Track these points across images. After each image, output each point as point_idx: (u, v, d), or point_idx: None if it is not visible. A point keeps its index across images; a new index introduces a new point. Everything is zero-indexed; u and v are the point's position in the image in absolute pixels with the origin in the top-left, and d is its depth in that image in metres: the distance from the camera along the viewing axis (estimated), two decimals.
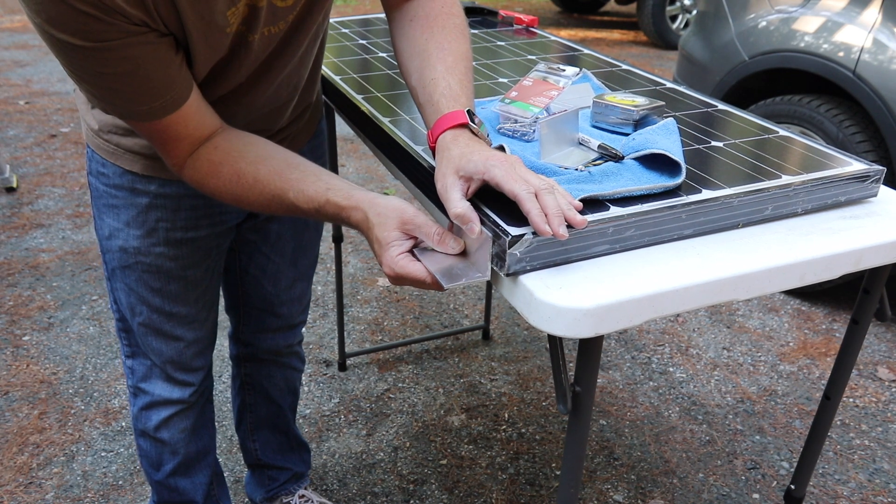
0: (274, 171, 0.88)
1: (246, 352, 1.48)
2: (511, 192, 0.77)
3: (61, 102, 4.56)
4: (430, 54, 0.95)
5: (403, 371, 2.22)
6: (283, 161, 0.89)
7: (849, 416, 2.06)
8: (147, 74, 0.78)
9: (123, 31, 0.74)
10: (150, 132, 0.87)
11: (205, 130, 0.90)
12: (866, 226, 0.91)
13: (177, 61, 0.82)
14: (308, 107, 1.18)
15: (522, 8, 8.02)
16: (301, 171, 0.88)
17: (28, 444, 1.89)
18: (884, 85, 2.22)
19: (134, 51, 0.76)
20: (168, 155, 0.90)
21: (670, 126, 0.96)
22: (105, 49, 0.74)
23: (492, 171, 0.79)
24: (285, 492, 1.66)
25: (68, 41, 0.72)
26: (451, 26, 0.98)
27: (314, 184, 0.86)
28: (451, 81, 0.92)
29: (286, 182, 0.87)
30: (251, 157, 0.89)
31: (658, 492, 1.79)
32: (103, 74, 0.77)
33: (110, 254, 1.14)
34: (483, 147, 0.85)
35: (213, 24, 0.82)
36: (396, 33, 1.02)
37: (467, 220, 0.78)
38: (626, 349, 2.36)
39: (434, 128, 0.89)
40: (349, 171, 3.72)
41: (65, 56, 0.75)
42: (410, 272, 0.79)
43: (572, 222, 0.77)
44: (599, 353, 0.81)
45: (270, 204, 0.88)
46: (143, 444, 1.34)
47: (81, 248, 2.86)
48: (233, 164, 0.89)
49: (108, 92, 0.80)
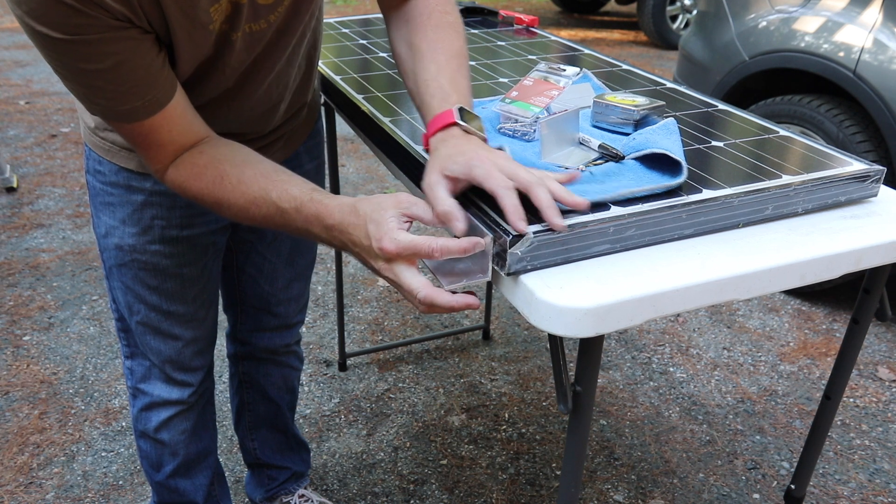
0: (260, 173, 0.86)
1: (243, 350, 1.48)
2: (490, 189, 0.78)
3: (61, 102, 4.56)
4: (424, 55, 0.95)
5: (404, 371, 2.22)
6: (270, 166, 0.88)
7: (849, 416, 2.06)
8: (129, 71, 0.78)
9: (105, 25, 0.73)
10: (133, 134, 0.85)
11: (190, 137, 0.88)
12: (866, 226, 0.91)
13: (159, 60, 0.81)
14: (303, 107, 1.17)
15: (522, 8, 8.02)
16: (288, 175, 0.86)
17: (28, 444, 1.89)
18: (884, 85, 2.22)
19: (115, 46, 0.75)
20: (151, 159, 0.89)
21: (671, 126, 0.96)
22: (85, 43, 0.73)
23: (473, 171, 0.79)
24: (285, 491, 1.66)
25: (48, 34, 0.71)
26: (444, 24, 0.98)
27: (299, 186, 0.84)
28: (441, 81, 0.92)
29: (271, 183, 0.85)
30: (237, 160, 0.88)
31: (658, 492, 1.79)
32: (85, 71, 0.76)
33: (107, 252, 1.14)
34: (472, 146, 0.84)
35: (197, 20, 0.81)
36: (393, 36, 1.02)
37: (452, 218, 0.78)
38: (627, 349, 2.36)
39: (426, 130, 0.90)
40: (349, 171, 3.72)
41: (46, 50, 0.74)
42: (417, 243, 0.75)
43: (574, 205, 0.78)
44: (600, 352, 0.81)
45: (250, 207, 0.85)
46: (143, 445, 1.34)
47: (82, 248, 2.86)
48: (217, 166, 0.87)
49: (90, 90, 0.79)
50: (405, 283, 0.76)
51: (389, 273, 0.77)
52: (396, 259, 0.76)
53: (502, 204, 0.76)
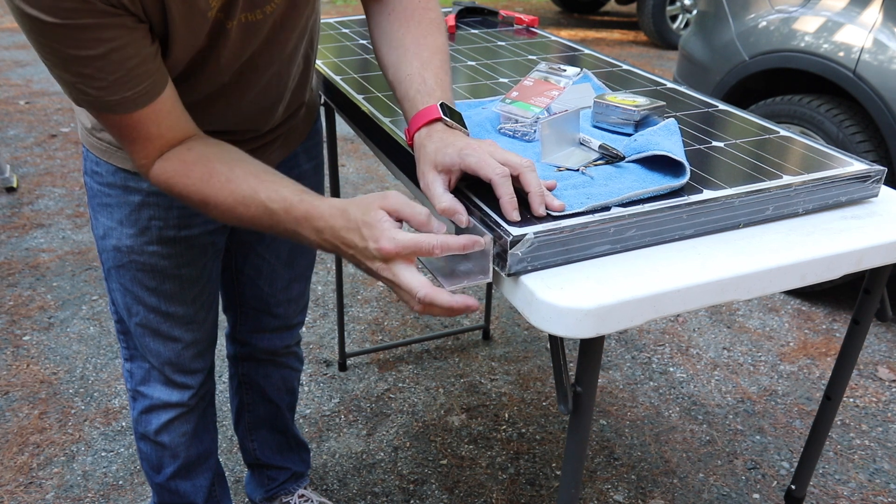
0: (250, 173, 0.84)
1: (243, 351, 1.48)
2: (486, 177, 0.79)
3: (61, 102, 4.55)
4: (407, 49, 0.96)
5: (403, 371, 2.22)
6: (260, 166, 0.87)
7: (849, 416, 2.06)
8: (121, 60, 0.77)
9: (98, 10, 0.72)
10: (120, 127, 0.84)
11: (178, 133, 0.87)
12: (867, 226, 0.91)
13: (152, 51, 0.80)
14: (301, 106, 1.17)
15: (523, 8, 8.02)
16: (279, 177, 0.85)
17: (28, 444, 1.89)
18: (884, 85, 2.22)
19: (108, 33, 0.74)
20: (136, 153, 0.87)
21: (671, 127, 0.96)
22: (77, 27, 0.72)
23: (466, 159, 0.80)
24: (285, 491, 1.66)
25: (39, 17, 0.70)
26: (426, 21, 0.99)
27: (289, 187, 0.82)
28: (426, 76, 0.93)
29: (261, 182, 0.83)
30: (227, 158, 0.86)
31: (658, 492, 1.79)
32: (76, 58, 0.75)
33: (106, 253, 1.14)
34: (458, 137, 0.85)
35: (195, 6, 0.81)
36: (374, 27, 1.03)
37: (453, 213, 0.80)
38: (627, 349, 2.36)
39: (410, 126, 0.90)
40: (349, 171, 3.72)
41: (35, 35, 0.73)
42: (417, 241, 0.73)
43: (550, 206, 0.80)
44: (600, 353, 0.81)
45: (238, 207, 0.83)
46: (144, 447, 1.33)
47: (81, 248, 2.86)
48: (206, 163, 0.85)
49: (79, 78, 0.78)
50: (404, 282, 0.75)
51: (388, 273, 0.75)
52: (395, 258, 0.74)
53: (499, 192, 0.78)
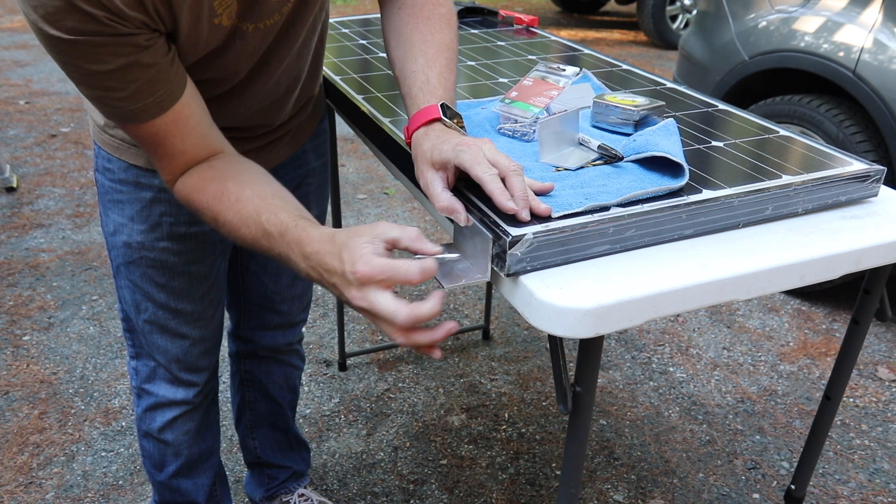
0: (257, 194, 0.84)
1: (246, 348, 1.48)
2: (476, 176, 0.79)
3: (61, 102, 4.55)
4: (413, 45, 0.96)
5: (403, 371, 2.22)
6: (270, 189, 0.86)
7: (849, 416, 2.06)
8: (140, 69, 0.78)
9: (120, 31, 0.74)
10: (146, 136, 0.86)
11: (203, 150, 0.88)
12: (867, 226, 0.91)
13: (169, 57, 0.82)
14: (310, 100, 1.18)
15: (522, 8, 8.02)
16: (285, 201, 0.84)
17: (28, 444, 1.89)
18: (884, 85, 2.22)
19: (127, 48, 0.76)
20: (162, 169, 0.89)
21: (671, 127, 0.96)
22: (97, 45, 0.74)
23: (460, 155, 0.81)
24: (285, 490, 1.66)
25: (61, 37, 0.72)
26: (436, 16, 0.99)
27: (290, 212, 0.82)
28: (429, 74, 0.93)
29: (265, 205, 0.82)
30: (242, 178, 0.87)
31: (658, 492, 1.79)
32: (97, 73, 0.77)
33: (115, 250, 1.14)
34: (453, 135, 0.85)
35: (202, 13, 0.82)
36: (385, 21, 1.04)
37: (453, 211, 0.81)
38: (626, 349, 2.36)
39: (409, 124, 0.90)
40: (349, 171, 3.72)
41: (60, 54, 0.75)
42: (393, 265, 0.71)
43: (535, 210, 0.79)
44: (600, 353, 0.81)
45: (241, 227, 0.83)
46: (147, 445, 1.34)
47: (81, 248, 2.86)
48: (221, 181, 0.86)
49: (103, 91, 0.80)
50: (381, 308, 0.71)
51: (363, 302, 0.72)
52: (369, 284, 0.71)
53: (488, 189, 0.78)
